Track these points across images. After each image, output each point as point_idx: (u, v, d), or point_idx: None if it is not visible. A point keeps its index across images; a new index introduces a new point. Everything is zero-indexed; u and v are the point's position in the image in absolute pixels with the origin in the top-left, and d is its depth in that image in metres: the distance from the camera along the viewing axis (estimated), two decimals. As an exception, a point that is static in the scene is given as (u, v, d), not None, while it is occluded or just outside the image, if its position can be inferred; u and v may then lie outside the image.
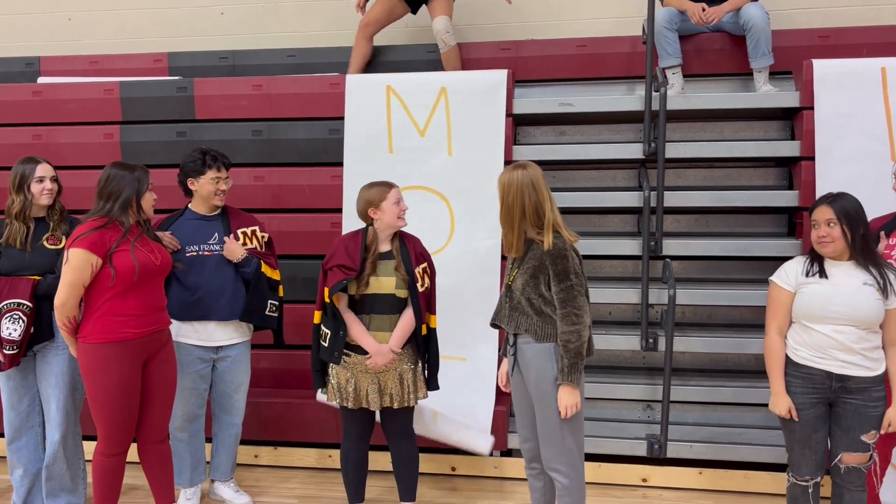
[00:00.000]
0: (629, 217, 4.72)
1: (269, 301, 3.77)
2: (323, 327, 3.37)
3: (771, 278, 3.22)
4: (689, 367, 4.56)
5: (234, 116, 4.61)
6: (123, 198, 3.22)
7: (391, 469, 3.71)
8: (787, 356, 3.15)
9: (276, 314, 3.83)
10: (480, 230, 4.31)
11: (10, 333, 3.45)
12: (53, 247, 3.55)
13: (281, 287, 3.87)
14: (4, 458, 4.46)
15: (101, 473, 3.30)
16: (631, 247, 4.39)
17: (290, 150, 4.55)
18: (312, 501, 4.04)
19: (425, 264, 3.43)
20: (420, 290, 3.36)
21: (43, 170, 3.57)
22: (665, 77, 4.36)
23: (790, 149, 4.29)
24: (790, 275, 3.14)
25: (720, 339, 4.31)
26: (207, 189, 3.73)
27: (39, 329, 3.53)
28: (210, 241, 3.72)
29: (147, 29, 5.72)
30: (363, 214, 3.36)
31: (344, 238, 3.43)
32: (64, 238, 3.56)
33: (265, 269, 3.75)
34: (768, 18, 4.49)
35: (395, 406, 3.39)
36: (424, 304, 3.40)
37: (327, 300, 3.33)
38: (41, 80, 4.98)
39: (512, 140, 4.37)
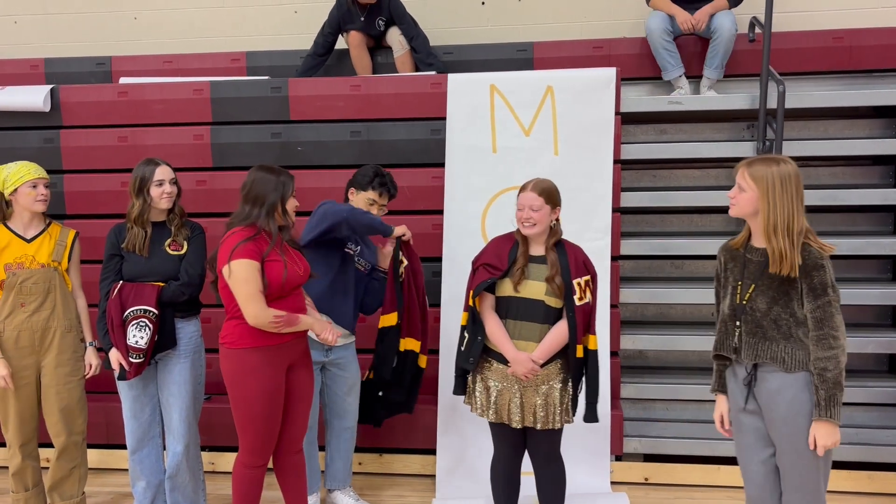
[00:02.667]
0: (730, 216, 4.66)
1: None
2: (465, 330, 3.19)
3: None
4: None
5: (330, 117, 4.49)
6: (269, 204, 3.08)
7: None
8: None
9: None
10: (588, 231, 4.22)
11: (136, 341, 3.34)
12: (176, 252, 3.45)
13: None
14: (118, 469, 4.45)
15: (243, 486, 3.19)
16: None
17: (389, 152, 4.44)
18: (431, 510, 3.97)
19: (588, 277, 3.08)
20: (578, 303, 3.03)
21: (162, 172, 3.44)
22: (777, 77, 4.28)
23: (907, 146, 4.28)
24: None
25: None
26: (361, 205, 3.66)
27: (162, 337, 3.43)
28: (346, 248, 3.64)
29: (216, 28, 5.59)
30: None
31: (497, 237, 3.25)
32: (185, 243, 3.46)
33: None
34: (736, 32, 4.53)
35: (539, 427, 3.09)
36: (582, 320, 3.04)
37: (471, 302, 3.16)
38: (124, 80, 4.84)
39: (620, 139, 4.30)
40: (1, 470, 4.45)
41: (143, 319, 3.36)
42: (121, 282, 3.41)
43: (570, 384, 3.15)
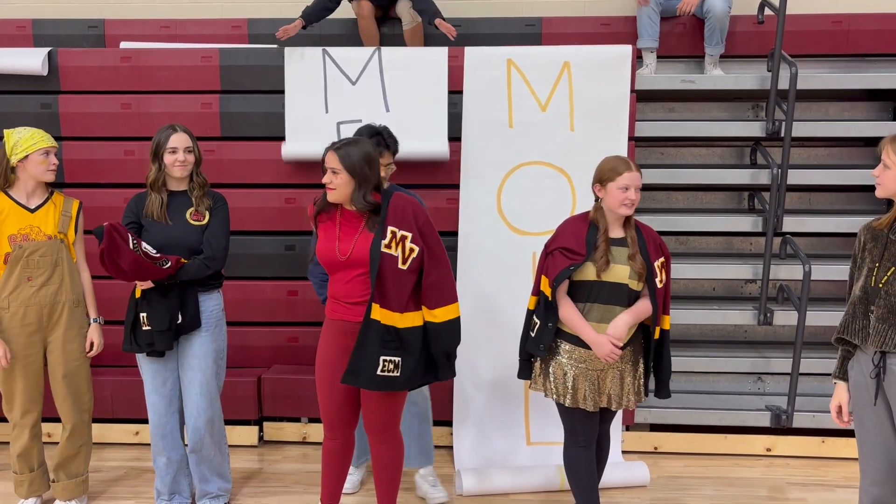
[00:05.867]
0: (734, 194, 4.81)
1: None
2: (535, 316, 3.09)
3: None
4: (787, 341, 4.71)
5: (344, 88, 4.43)
6: None
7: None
8: None
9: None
10: (604, 206, 4.31)
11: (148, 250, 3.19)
12: (198, 223, 3.34)
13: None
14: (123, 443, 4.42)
15: (322, 457, 3.20)
16: (743, 223, 4.50)
17: (405, 124, 4.41)
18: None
19: (663, 258, 3.03)
20: (658, 285, 2.98)
21: (177, 140, 3.32)
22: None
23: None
24: None
25: (826, 312, 4.46)
26: None
27: (186, 318, 3.34)
28: None
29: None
30: (592, 186, 3.09)
31: (571, 218, 3.14)
32: (207, 213, 3.35)
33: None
34: (729, 10, 4.65)
35: (614, 408, 3.06)
36: (660, 303, 3.02)
37: (544, 289, 3.02)
38: (125, 44, 4.67)
39: (635, 116, 4.36)
40: (3, 446, 4.35)
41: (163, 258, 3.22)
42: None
43: (641, 365, 3.11)
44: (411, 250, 2.90)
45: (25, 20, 5.14)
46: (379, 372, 2.88)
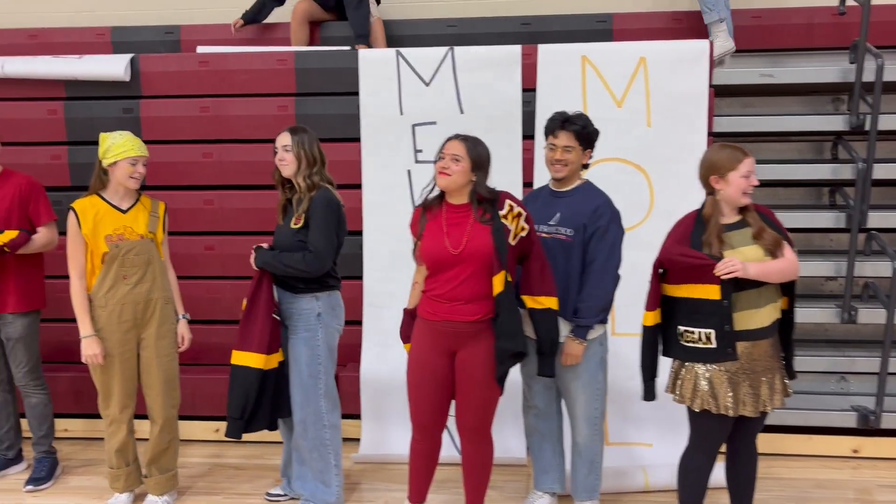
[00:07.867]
0: (812, 189, 4.71)
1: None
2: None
3: None
4: (871, 339, 4.58)
5: (417, 88, 4.46)
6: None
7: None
8: None
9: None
10: (685, 203, 4.20)
11: None
12: (295, 226, 3.36)
13: None
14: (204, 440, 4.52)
15: (410, 455, 3.25)
16: (824, 219, 4.40)
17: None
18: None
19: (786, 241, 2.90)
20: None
21: (277, 140, 3.41)
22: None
23: None
24: None
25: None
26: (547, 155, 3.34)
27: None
28: (550, 222, 3.29)
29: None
30: (704, 181, 2.92)
31: (680, 220, 3.03)
32: (304, 217, 3.34)
33: None
34: None
35: (768, 409, 2.93)
36: None
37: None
38: (201, 49, 4.77)
39: (713, 111, 4.29)
40: (88, 441, 4.49)
41: None
42: None
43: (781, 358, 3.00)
44: (522, 228, 2.99)
45: (105, 28, 5.28)
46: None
